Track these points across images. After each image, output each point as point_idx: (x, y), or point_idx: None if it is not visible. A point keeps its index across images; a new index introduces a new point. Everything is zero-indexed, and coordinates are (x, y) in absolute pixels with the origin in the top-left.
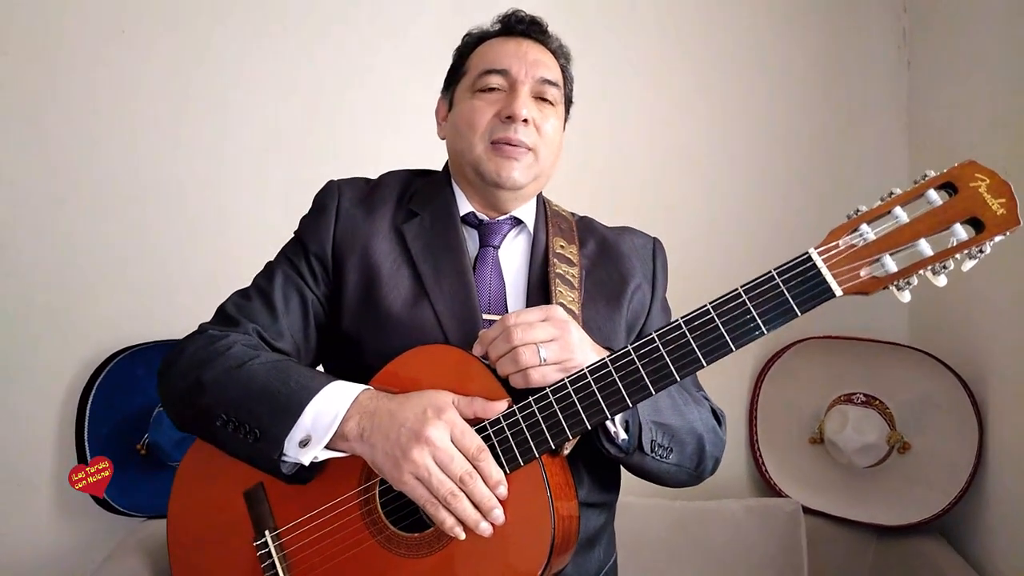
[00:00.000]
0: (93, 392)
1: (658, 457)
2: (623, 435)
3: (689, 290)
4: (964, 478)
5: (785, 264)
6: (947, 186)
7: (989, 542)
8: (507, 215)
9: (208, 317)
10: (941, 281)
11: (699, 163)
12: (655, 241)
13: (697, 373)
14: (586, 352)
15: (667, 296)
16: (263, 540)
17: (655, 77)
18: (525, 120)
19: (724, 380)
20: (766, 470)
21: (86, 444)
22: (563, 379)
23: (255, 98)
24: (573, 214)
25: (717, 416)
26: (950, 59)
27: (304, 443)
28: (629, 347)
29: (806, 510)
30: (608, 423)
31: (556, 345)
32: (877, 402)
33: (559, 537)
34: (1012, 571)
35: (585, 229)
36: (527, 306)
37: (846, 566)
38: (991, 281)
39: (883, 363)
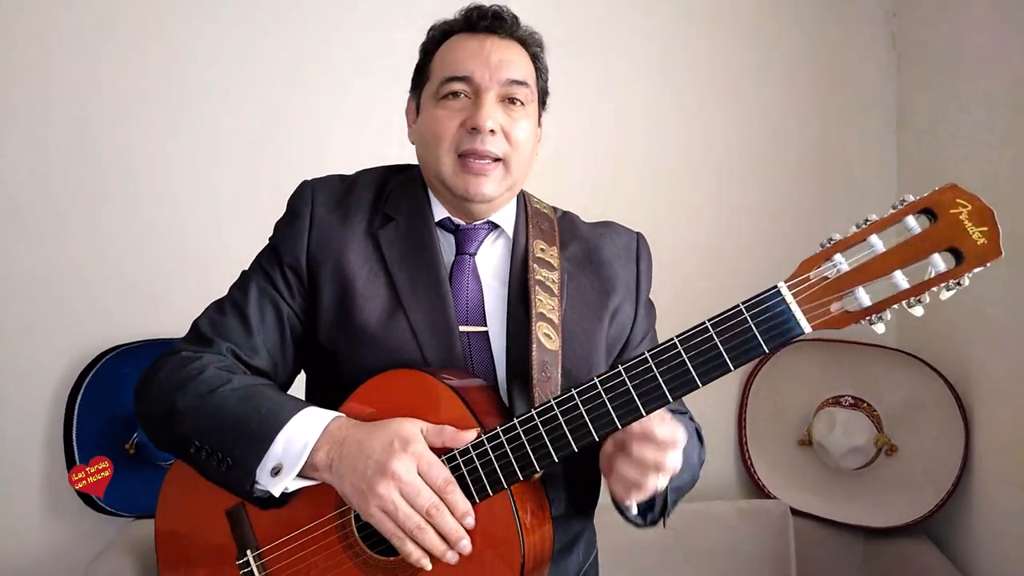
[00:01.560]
0: (82, 391)
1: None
2: (640, 521)
3: (682, 289)
4: (950, 480)
5: (753, 298)
6: (927, 211)
7: (975, 544)
8: (484, 220)
9: (196, 315)
10: (918, 312)
11: (689, 165)
12: (639, 238)
13: None
14: None
15: (661, 295)
16: (245, 560)
17: (646, 79)
18: (492, 130)
19: (713, 382)
20: (755, 472)
21: (74, 443)
22: (531, 411)
23: (246, 96)
24: (555, 210)
25: (699, 434)
26: (938, 63)
27: (276, 471)
28: (596, 379)
29: (794, 512)
30: (625, 509)
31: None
32: (865, 405)
33: (530, 563)
34: (997, 572)
35: (567, 229)
36: (507, 315)
37: (834, 567)
38: (979, 286)
39: (871, 366)
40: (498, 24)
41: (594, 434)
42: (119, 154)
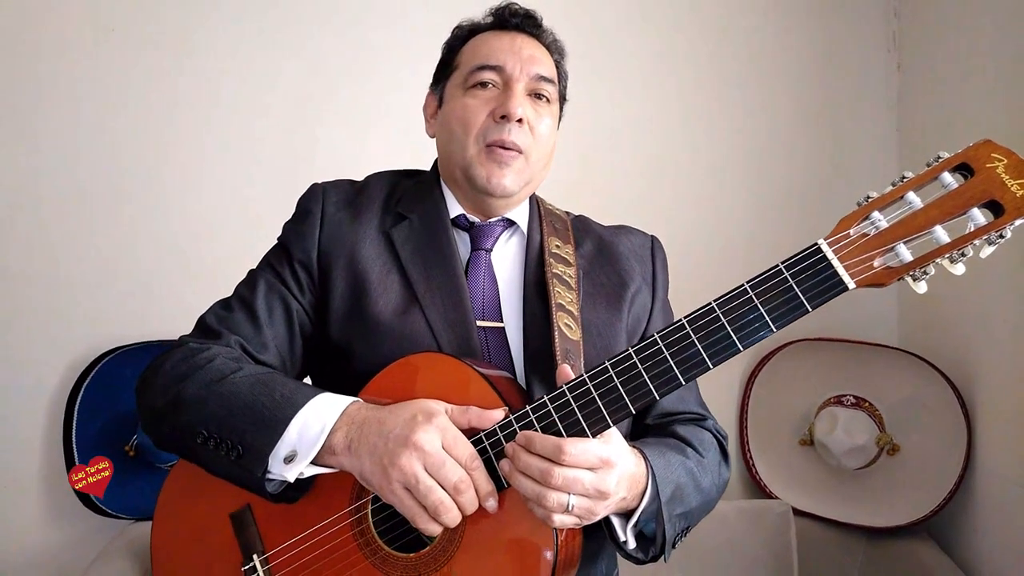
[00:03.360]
0: (81, 393)
1: (678, 542)
2: (642, 556)
3: (686, 291)
4: (953, 480)
5: (793, 256)
6: (962, 167)
7: (977, 543)
8: (499, 217)
9: (196, 317)
10: (959, 270)
11: (692, 166)
12: (653, 240)
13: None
14: (612, 506)
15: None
16: (251, 565)
17: (647, 82)
18: (520, 120)
19: (715, 382)
20: (756, 472)
21: (74, 445)
22: (562, 387)
23: (242, 98)
24: (568, 213)
25: (722, 447)
26: (940, 63)
27: (289, 459)
28: (630, 350)
29: (796, 512)
30: (621, 536)
31: (588, 502)
32: (867, 404)
33: (562, 555)
34: (999, 572)
35: (581, 229)
36: (524, 310)
37: (836, 567)
38: (980, 284)
39: (873, 365)
40: (528, 23)
41: (630, 406)
42: (120, 156)
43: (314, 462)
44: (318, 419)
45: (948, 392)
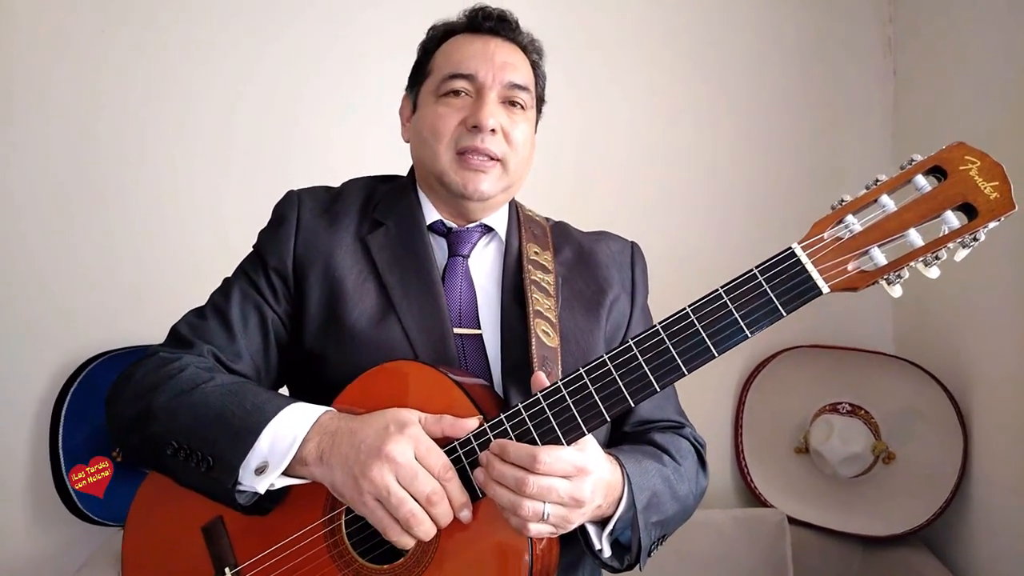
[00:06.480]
0: (68, 398)
1: (654, 550)
2: (617, 564)
3: (675, 296)
4: (949, 488)
5: (767, 261)
6: (935, 170)
7: (973, 552)
8: (477, 223)
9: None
10: (933, 273)
11: (685, 169)
12: (633, 246)
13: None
14: (588, 514)
15: (649, 302)
16: None
17: (642, 85)
18: (493, 129)
19: (709, 389)
20: (751, 480)
21: (60, 451)
22: (536, 394)
23: (228, 102)
24: (547, 219)
25: (700, 455)
26: (935, 68)
27: (260, 470)
28: (605, 356)
29: (791, 520)
30: (596, 545)
31: (564, 510)
32: (862, 412)
33: (538, 566)
34: None
35: (560, 235)
36: (501, 316)
37: None
38: (977, 291)
39: (869, 373)
40: (502, 26)
41: (605, 414)
42: (102, 160)
43: (286, 473)
44: (290, 429)
45: (944, 400)
